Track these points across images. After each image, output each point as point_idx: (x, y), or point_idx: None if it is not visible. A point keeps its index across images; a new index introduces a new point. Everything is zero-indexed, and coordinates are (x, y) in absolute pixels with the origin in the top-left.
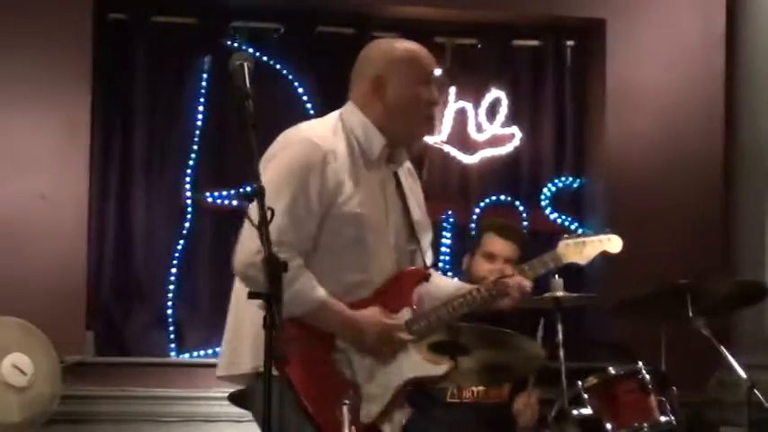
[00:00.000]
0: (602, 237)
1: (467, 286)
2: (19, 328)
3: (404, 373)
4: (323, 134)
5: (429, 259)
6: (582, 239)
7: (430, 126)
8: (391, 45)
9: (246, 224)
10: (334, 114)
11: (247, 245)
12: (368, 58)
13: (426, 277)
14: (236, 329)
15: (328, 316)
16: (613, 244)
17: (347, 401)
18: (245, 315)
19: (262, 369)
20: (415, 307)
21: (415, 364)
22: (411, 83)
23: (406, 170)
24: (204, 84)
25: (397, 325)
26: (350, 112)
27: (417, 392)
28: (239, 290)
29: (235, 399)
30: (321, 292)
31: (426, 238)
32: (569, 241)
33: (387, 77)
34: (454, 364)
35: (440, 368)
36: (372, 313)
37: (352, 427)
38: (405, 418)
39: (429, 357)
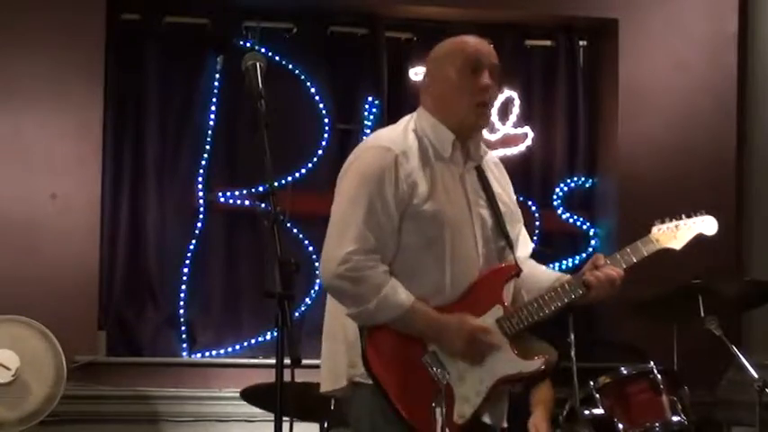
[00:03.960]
0: (696, 219)
1: (563, 278)
2: (10, 324)
3: (496, 372)
4: (394, 137)
5: (527, 249)
6: (675, 223)
7: (481, 112)
8: (443, 42)
9: (330, 227)
10: (407, 119)
11: (330, 255)
12: (427, 61)
13: (517, 273)
14: (332, 341)
15: (416, 321)
16: (708, 225)
17: (440, 403)
18: (337, 328)
19: (356, 379)
20: (506, 304)
21: (508, 361)
22: (451, 72)
23: (492, 163)
24: (216, 84)
25: (485, 327)
26: (419, 115)
27: None
28: (331, 304)
29: (248, 395)
30: (408, 297)
31: (516, 230)
32: (662, 226)
33: (432, 72)
34: (547, 359)
35: (533, 364)
36: (460, 317)
37: (446, 429)
38: (506, 408)
39: (522, 354)
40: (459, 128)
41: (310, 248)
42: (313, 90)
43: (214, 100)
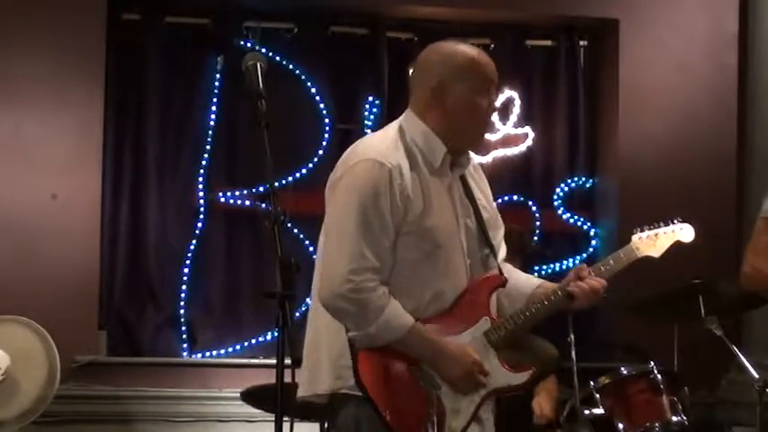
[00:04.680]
0: (674, 227)
1: (546, 285)
2: (2, 324)
3: (486, 385)
4: (386, 150)
5: (502, 253)
6: (654, 231)
7: (486, 132)
8: (452, 50)
9: (327, 245)
10: (394, 125)
11: (331, 274)
12: (428, 63)
13: (503, 284)
14: (316, 349)
15: (415, 343)
16: (686, 233)
17: (432, 418)
18: (324, 335)
19: (344, 390)
20: (493, 315)
21: (497, 374)
22: (472, 91)
23: (471, 166)
24: (217, 84)
25: (483, 367)
26: (410, 122)
27: None
28: (315, 307)
29: (248, 397)
30: (408, 319)
31: (497, 236)
32: (642, 234)
33: (448, 84)
34: (536, 370)
35: (521, 377)
36: (462, 348)
37: None
38: (492, 416)
39: (510, 366)
40: (460, 142)
41: (311, 248)
42: (313, 90)
43: (214, 100)
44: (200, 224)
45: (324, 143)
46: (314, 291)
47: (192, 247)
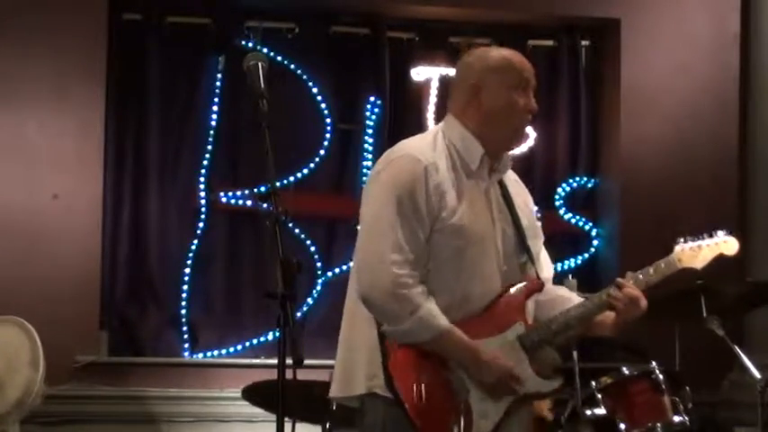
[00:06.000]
0: (718, 240)
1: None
2: None
3: (517, 390)
4: (423, 149)
5: (547, 269)
6: (698, 243)
7: (523, 134)
8: (486, 53)
9: (363, 238)
10: (434, 129)
11: (376, 264)
12: (463, 67)
13: (539, 289)
14: (350, 349)
15: (450, 347)
16: (730, 246)
17: (458, 421)
18: (358, 335)
19: (375, 389)
20: (528, 320)
21: (528, 379)
22: (506, 89)
23: (513, 179)
24: (218, 84)
25: (516, 375)
26: (449, 125)
27: None
28: (352, 308)
29: (249, 394)
30: (443, 321)
31: (536, 245)
32: (685, 245)
33: (482, 85)
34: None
35: (551, 384)
36: (495, 355)
37: None
38: (529, 418)
39: (540, 371)
40: (498, 143)
41: (312, 248)
42: (315, 90)
43: (216, 100)
44: (201, 224)
45: (325, 143)
46: (351, 288)
47: (193, 247)
